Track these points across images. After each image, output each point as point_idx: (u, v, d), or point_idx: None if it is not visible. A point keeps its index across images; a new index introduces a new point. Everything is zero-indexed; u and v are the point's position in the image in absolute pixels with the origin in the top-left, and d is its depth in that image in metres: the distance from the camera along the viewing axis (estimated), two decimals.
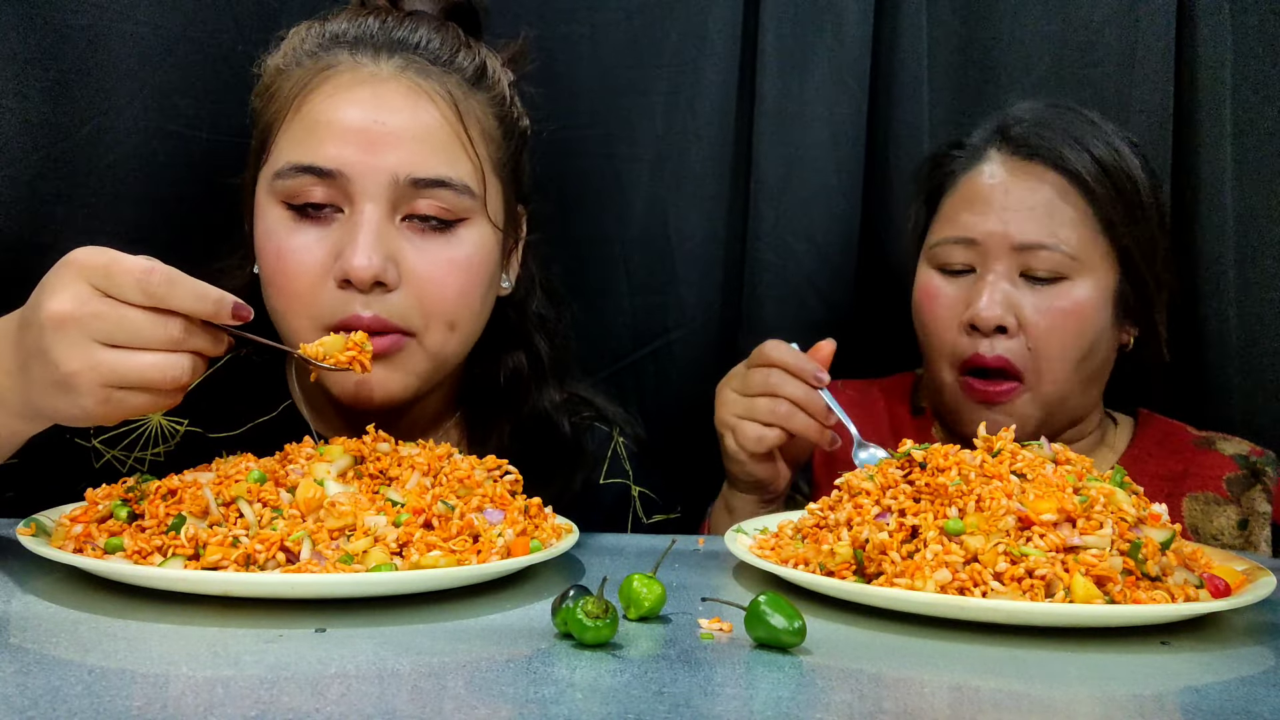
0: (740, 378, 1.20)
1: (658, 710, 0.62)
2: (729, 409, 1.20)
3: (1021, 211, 1.24)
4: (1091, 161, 1.24)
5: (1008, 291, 1.23)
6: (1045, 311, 1.23)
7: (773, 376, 1.17)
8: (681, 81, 1.44)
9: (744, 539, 0.99)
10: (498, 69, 1.15)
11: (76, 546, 0.84)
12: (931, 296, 1.29)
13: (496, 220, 1.11)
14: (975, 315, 1.23)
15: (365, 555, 0.82)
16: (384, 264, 1.02)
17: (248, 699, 0.62)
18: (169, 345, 0.81)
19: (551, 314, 1.26)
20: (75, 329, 0.80)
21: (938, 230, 1.30)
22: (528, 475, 0.97)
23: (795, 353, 1.18)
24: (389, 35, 1.09)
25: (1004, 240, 1.23)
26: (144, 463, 1.11)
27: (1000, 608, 0.78)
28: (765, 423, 1.17)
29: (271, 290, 1.07)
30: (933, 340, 1.29)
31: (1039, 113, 1.29)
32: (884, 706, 0.66)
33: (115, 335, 0.80)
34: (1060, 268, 1.23)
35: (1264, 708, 0.67)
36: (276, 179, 1.05)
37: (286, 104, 1.07)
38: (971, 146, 1.31)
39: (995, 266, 1.24)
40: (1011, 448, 0.92)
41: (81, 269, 0.81)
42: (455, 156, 1.07)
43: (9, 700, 0.60)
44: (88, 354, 0.80)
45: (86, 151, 1.25)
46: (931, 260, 1.30)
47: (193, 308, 0.82)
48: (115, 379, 0.81)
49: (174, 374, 0.82)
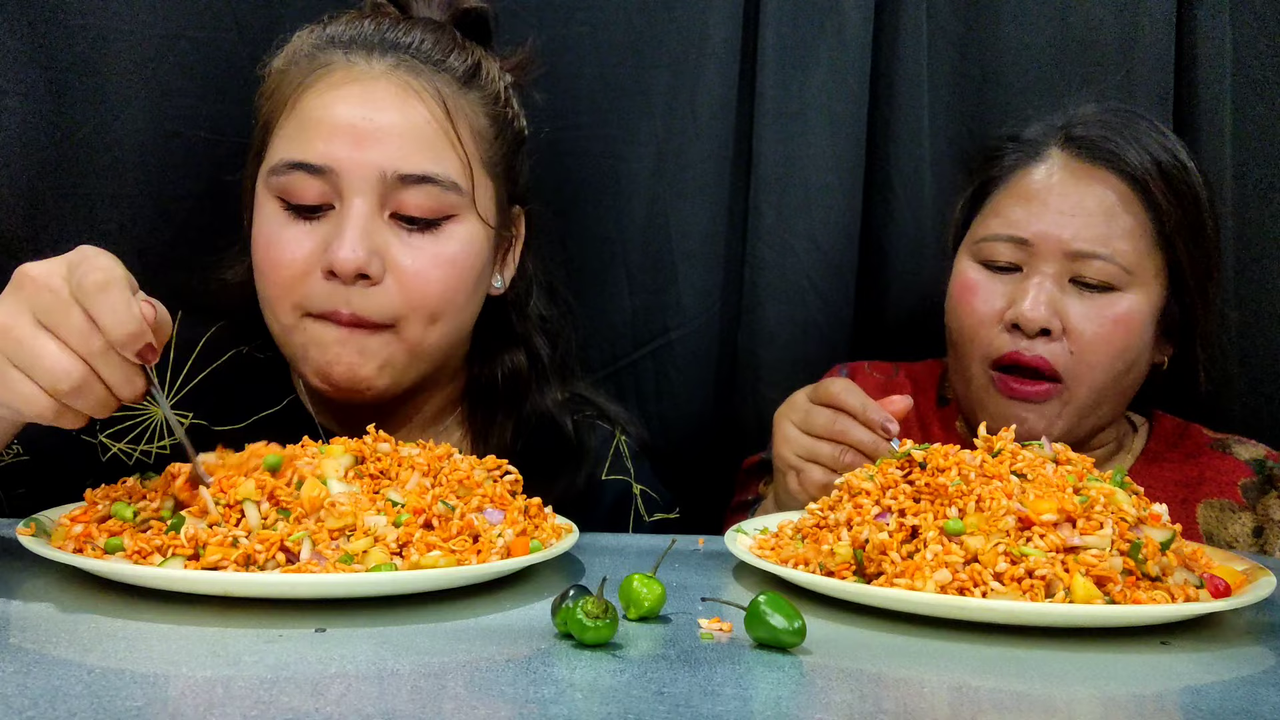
0: (803, 414, 1.13)
1: (658, 710, 0.62)
2: (790, 447, 1.13)
3: (1079, 216, 1.20)
4: (1156, 168, 1.20)
5: (1054, 294, 1.19)
6: (1092, 319, 1.19)
7: (840, 422, 1.09)
8: (681, 81, 1.44)
9: (744, 539, 0.99)
10: (493, 69, 1.16)
11: (76, 546, 0.84)
12: (971, 290, 1.24)
13: (487, 218, 1.13)
14: (1020, 314, 1.19)
15: (365, 555, 0.82)
16: (369, 257, 1.05)
17: (248, 699, 0.62)
18: (80, 349, 0.80)
19: (552, 314, 1.26)
20: (28, 290, 0.80)
21: (986, 224, 1.26)
22: (530, 474, 0.97)
23: (865, 399, 1.10)
24: (383, 36, 1.11)
25: (1057, 244, 1.19)
26: (150, 455, 1.12)
27: (1000, 608, 0.78)
28: (829, 468, 1.10)
29: (261, 279, 1.10)
30: (967, 334, 1.25)
31: (1103, 115, 1.25)
32: (884, 706, 0.66)
33: (47, 313, 0.80)
34: (1112, 279, 1.19)
35: (1264, 708, 0.67)
36: (271, 175, 1.08)
37: (283, 102, 1.10)
38: (1030, 141, 1.26)
39: (1044, 268, 1.20)
40: (1012, 448, 0.92)
41: (74, 255, 0.82)
42: (442, 153, 1.09)
43: (9, 700, 0.60)
44: (14, 316, 0.80)
45: (86, 151, 1.25)
46: (975, 254, 1.26)
47: (105, 321, 0.79)
48: (12, 349, 0.80)
49: (59, 372, 0.79)
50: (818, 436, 1.11)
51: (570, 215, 1.42)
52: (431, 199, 1.07)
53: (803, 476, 1.12)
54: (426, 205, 1.07)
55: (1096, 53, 1.47)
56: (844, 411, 1.09)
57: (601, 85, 1.43)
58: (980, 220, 1.27)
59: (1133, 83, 1.45)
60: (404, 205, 1.07)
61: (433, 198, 1.07)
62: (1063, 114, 1.27)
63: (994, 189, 1.27)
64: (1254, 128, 1.45)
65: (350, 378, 1.08)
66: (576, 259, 1.43)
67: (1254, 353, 1.45)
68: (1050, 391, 1.20)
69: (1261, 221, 1.45)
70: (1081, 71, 1.47)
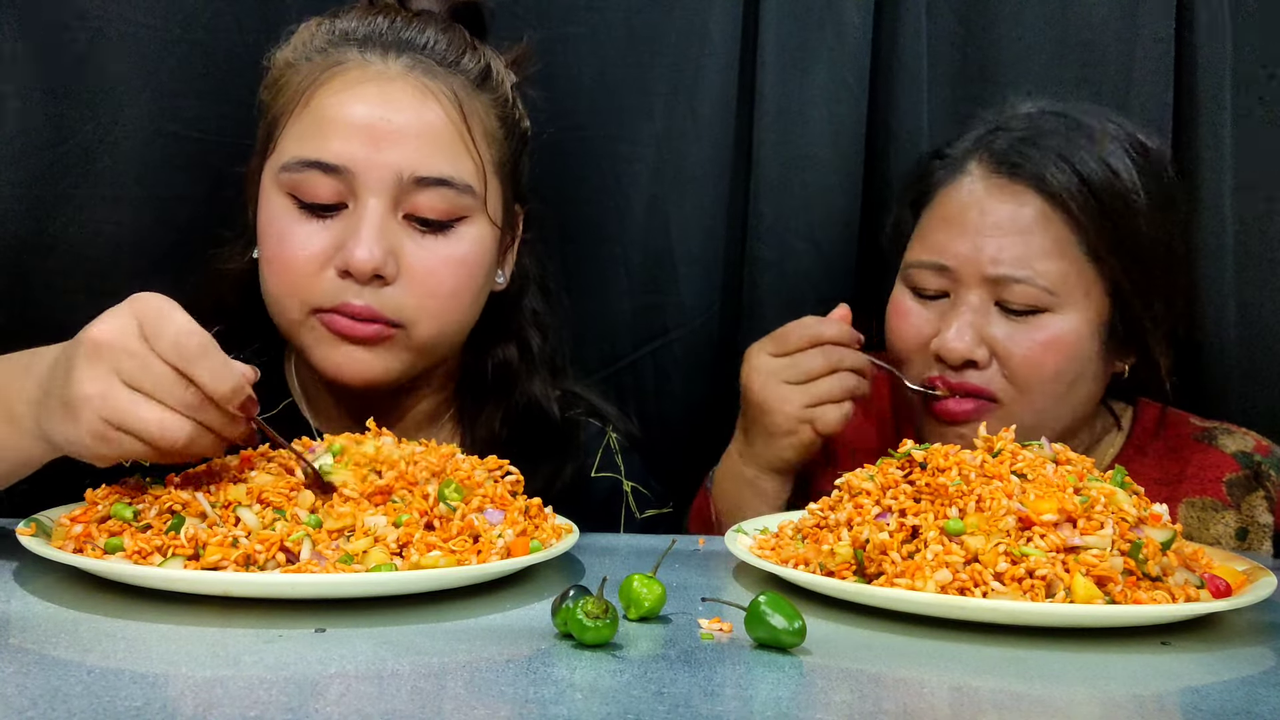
0: (788, 367, 1.17)
1: (658, 710, 0.62)
2: (792, 405, 1.16)
3: (996, 237, 1.15)
4: (1079, 183, 1.14)
5: (978, 323, 1.15)
6: (1020, 344, 1.15)
7: (833, 354, 1.16)
8: (681, 81, 1.44)
9: (744, 539, 0.99)
10: (501, 71, 1.16)
11: (76, 546, 0.84)
12: (902, 317, 1.22)
13: (496, 219, 1.13)
14: (942, 347, 1.16)
15: (365, 555, 0.82)
16: (384, 257, 1.05)
17: (247, 699, 0.62)
18: (181, 407, 0.82)
19: (544, 308, 1.27)
20: (105, 358, 0.81)
21: (913, 249, 1.22)
22: (517, 462, 0.98)
23: (834, 322, 1.18)
24: (397, 35, 1.11)
25: (976, 268, 1.15)
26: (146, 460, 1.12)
27: (1000, 608, 0.78)
28: (839, 400, 1.17)
29: (269, 273, 1.09)
30: (900, 358, 1.23)
31: (1030, 121, 1.20)
32: (884, 706, 0.66)
33: (137, 378, 0.81)
34: (1037, 301, 1.15)
35: (1264, 708, 0.67)
36: (283, 171, 1.07)
37: (295, 98, 1.09)
38: (952, 157, 1.22)
39: (968, 295, 1.16)
40: (1012, 448, 0.92)
41: (140, 309, 0.82)
42: (458, 156, 1.09)
43: (9, 700, 0.60)
44: (104, 384, 0.81)
45: (86, 151, 1.25)
46: (905, 280, 1.23)
47: (209, 383, 0.82)
48: (116, 418, 0.81)
49: (172, 435, 0.82)
50: (816, 379, 1.15)
51: (570, 215, 1.42)
52: (446, 201, 1.08)
53: (821, 421, 1.17)
54: (441, 207, 1.08)
55: (1096, 53, 1.47)
56: (828, 343, 1.17)
57: (601, 85, 1.43)
58: (912, 244, 1.24)
59: (1132, 83, 1.45)
60: (418, 207, 1.07)
61: (447, 200, 1.08)
62: (995, 118, 1.23)
63: (922, 209, 1.24)
64: (1254, 128, 1.45)
65: (362, 378, 1.08)
66: (576, 259, 1.43)
67: (1254, 352, 1.44)
68: (980, 409, 1.17)
69: (1262, 222, 1.45)
70: (1081, 71, 1.46)
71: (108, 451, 0.83)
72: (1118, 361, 1.23)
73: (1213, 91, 1.44)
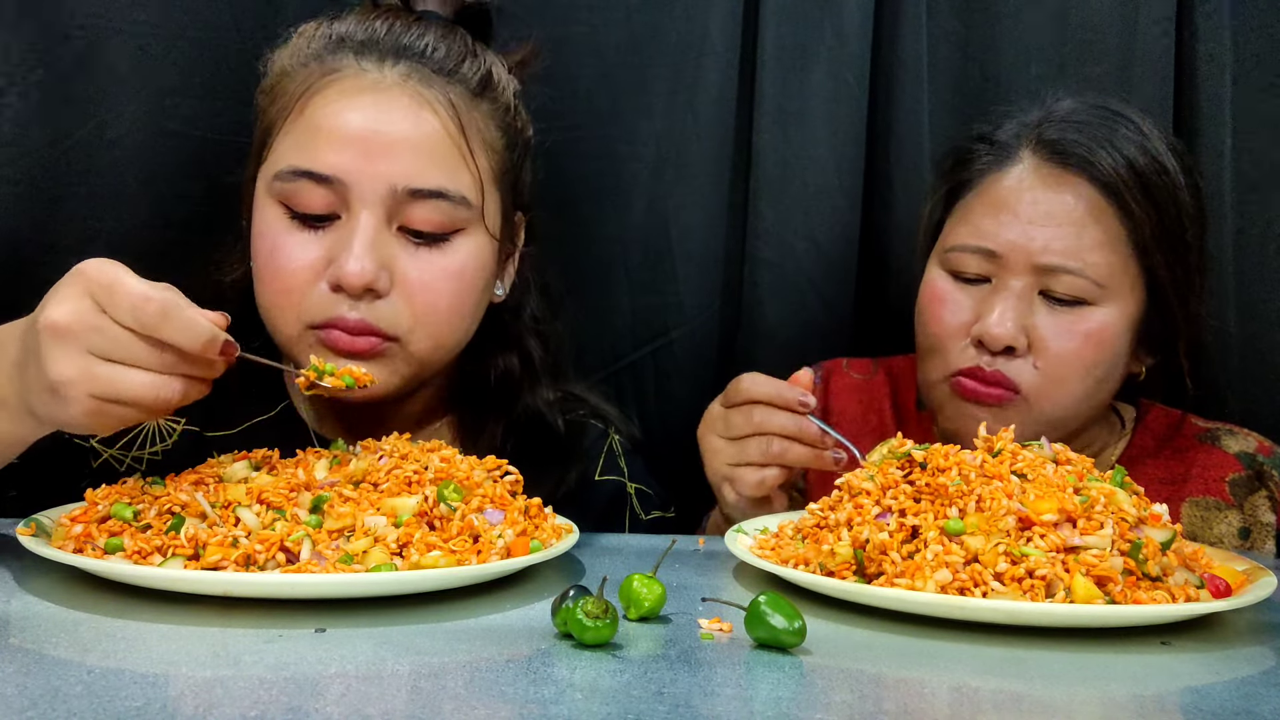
0: (722, 421, 1.12)
1: (658, 710, 0.62)
2: (719, 459, 1.12)
3: (1049, 227, 1.14)
4: (1131, 173, 1.14)
5: (1021, 310, 1.15)
6: (1061, 335, 1.14)
7: (756, 414, 1.09)
8: (681, 81, 1.44)
9: (744, 539, 0.99)
10: (503, 77, 1.14)
11: (76, 546, 0.84)
12: (940, 301, 1.20)
13: (494, 230, 1.11)
14: (985, 332, 1.14)
15: (365, 555, 0.82)
16: (377, 271, 1.03)
17: (247, 699, 0.62)
18: (162, 368, 0.82)
19: (546, 315, 1.26)
20: (71, 340, 0.80)
21: (955, 233, 1.21)
22: (521, 472, 0.97)
23: (774, 382, 1.09)
24: (395, 41, 1.08)
25: (1026, 256, 1.15)
26: (142, 461, 1.12)
27: (1000, 608, 0.78)
28: (761, 464, 1.09)
29: (262, 286, 1.08)
30: (933, 344, 1.21)
31: (1079, 114, 1.19)
32: (884, 706, 0.66)
33: (109, 351, 0.81)
34: (1083, 293, 1.14)
35: (1264, 708, 0.67)
36: (275, 180, 1.06)
37: (289, 105, 1.07)
38: (1001, 144, 1.21)
39: (1012, 282, 1.15)
40: (1012, 448, 0.92)
41: (88, 283, 0.81)
42: (454, 168, 1.07)
43: (9, 700, 0.60)
44: (80, 364, 0.80)
45: (86, 151, 1.25)
46: (944, 263, 1.21)
47: (181, 341, 0.81)
48: (105, 392, 0.81)
49: (165, 394, 0.82)
50: (742, 438, 1.10)
51: (570, 215, 1.42)
52: (441, 214, 1.05)
53: (737, 484, 1.11)
54: (436, 220, 1.05)
55: (1096, 53, 1.47)
56: (759, 403, 1.09)
57: (601, 85, 1.43)
58: (950, 227, 1.23)
59: (1132, 83, 1.45)
60: (413, 220, 1.05)
61: (443, 213, 1.06)
62: (1039, 109, 1.22)
63: (964, 193, 1.22)
64: (1254, 128, 1.45)
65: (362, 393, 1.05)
66: (576, 259, 1.43)
67: (1254, 352, 1.44)
68: (1005, 398, 1.16)
69: (1262, 221, 1.45)
70: (1081, 71, 1.46)
71: (105, 423, 0.83)
72: (1137, 362, 1.23)
73: (1213, 91, 1.44)
